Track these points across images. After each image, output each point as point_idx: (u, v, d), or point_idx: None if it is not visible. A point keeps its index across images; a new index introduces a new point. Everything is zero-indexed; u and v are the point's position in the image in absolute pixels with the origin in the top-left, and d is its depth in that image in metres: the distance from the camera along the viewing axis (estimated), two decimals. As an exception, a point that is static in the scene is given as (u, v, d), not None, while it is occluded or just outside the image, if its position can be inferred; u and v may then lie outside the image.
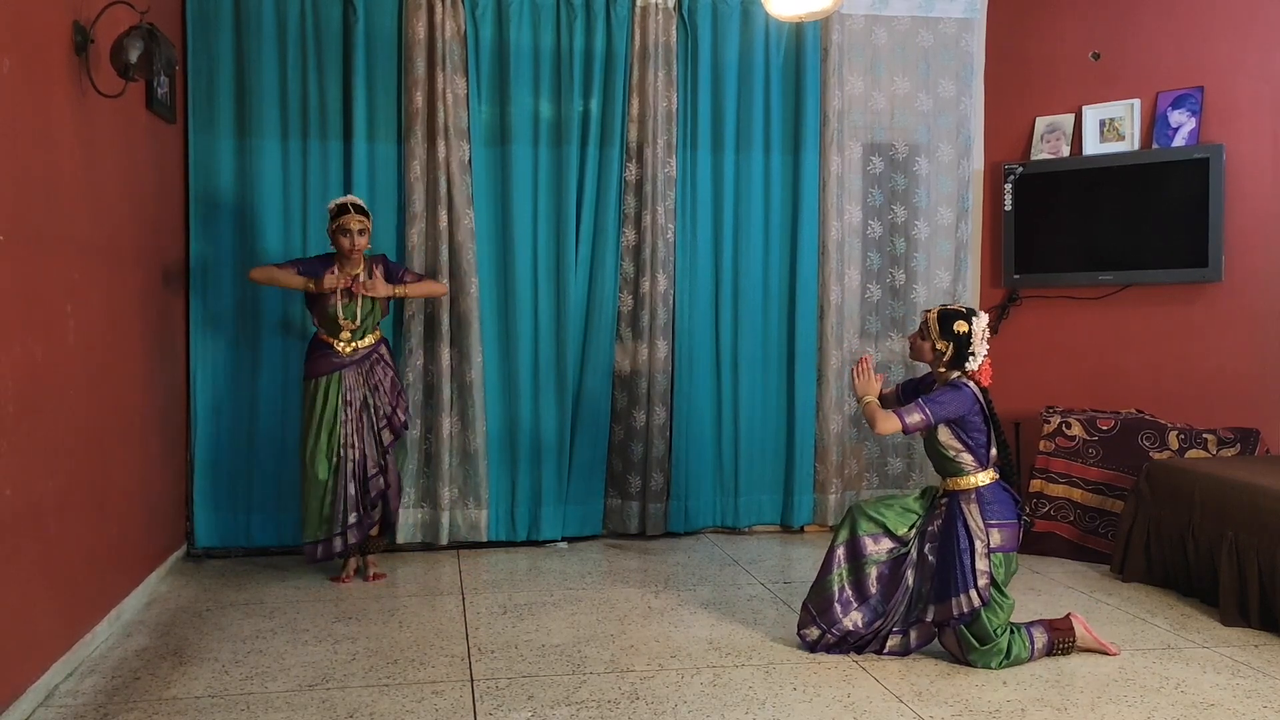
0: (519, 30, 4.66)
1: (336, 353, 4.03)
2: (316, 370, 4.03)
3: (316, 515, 4.00)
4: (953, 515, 3.21)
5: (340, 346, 4.03)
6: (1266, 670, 3.13)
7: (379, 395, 4.09)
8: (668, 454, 4.83)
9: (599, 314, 4.77)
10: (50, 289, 2.97)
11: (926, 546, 3.25)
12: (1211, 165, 4.48)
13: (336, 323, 4.01)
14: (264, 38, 4.46)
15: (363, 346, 4.07)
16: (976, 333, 3.23)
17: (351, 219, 3.96)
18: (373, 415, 4.08)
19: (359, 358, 4.06)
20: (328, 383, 4.01)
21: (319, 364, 4.04)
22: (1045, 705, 2.84)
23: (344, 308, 4.01)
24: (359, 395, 4.05)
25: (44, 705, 2.83)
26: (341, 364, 4.03)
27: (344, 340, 4.03)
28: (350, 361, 4.04)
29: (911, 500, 3.35)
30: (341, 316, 4.00)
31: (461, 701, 2.86)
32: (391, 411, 4.12)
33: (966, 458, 3.23)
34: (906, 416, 3.16)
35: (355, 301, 4.02)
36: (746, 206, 4.90)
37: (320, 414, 4.00)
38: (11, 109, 2.70)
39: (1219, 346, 4.62)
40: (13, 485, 2.69)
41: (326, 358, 4.03)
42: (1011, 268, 5.03)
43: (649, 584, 4.11)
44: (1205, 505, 3.82)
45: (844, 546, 3.27)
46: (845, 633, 3.23)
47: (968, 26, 5.08)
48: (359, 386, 4.06)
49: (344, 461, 3.99)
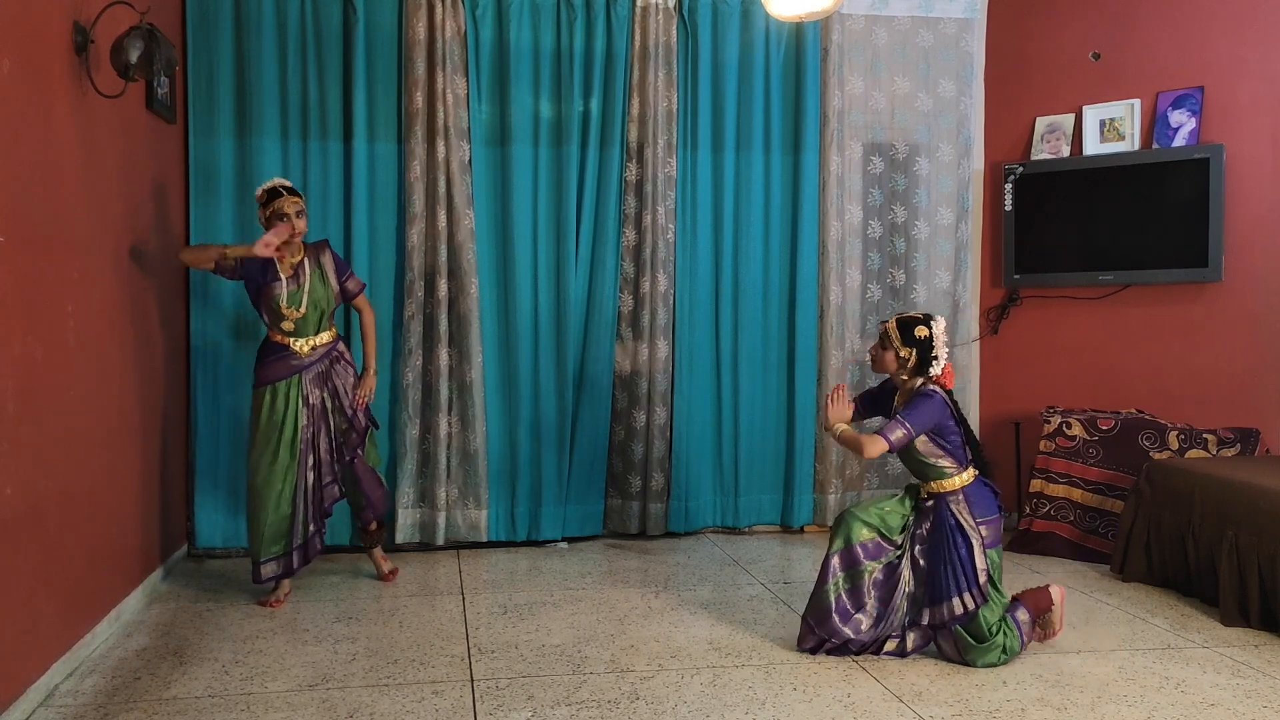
0: (519, 30, 4.67)
1: (294, 354, 3.74)
2: (271, 375, 3.73)
3: (271, 532, 3.71)
4: (942, 517, 3.21)
5: (298, 346, 3.74)
6: (1266, 670, 3.13)
7: (340, 398, 3.82)
8: (668, 454, 4.83)
9: (599, 314, 4.77)
10: (50, 289, 2.97)
11: (917, 549, 3.25)
12: (1211, 165, 4.48)
13: (283, 313, 3.71)
14: (264, 38, 4.46)
15: (321, 345, 3.79)
16: (938, 336, 3.23)
17: (286, 201, 3.68)
18: (330, 420, 3.82)
19: (318, 358, 3.78)
20: (287, 388, 3.72)
21: (274, 368, 3.73)
22: (1045, 705, 2.84)
23: (289, 296, 3.70)
24: (318, 399, 3.78)
25: (44, 705, 2.83)
26: (300, 366, 3.74)
27: (299, 336, 3.74)
28: (309, 363, 3.75)
29: (898, 501, 3.35)
30: (285, 304, 3.70)
31: (461, 701, 2.86)
32: (353, 414, 3.84)
33: (946, 461, 3.23)
34: (890, 435, 3.14)
35: (301, 288, 3.72)
36: (746, 206, 4.90)
37: (279, 424, 3.70)
38: (11, 109, 2.70)
39: (1219, 346, 4.62)
40: (13, 485, 2.69)
41: (283, 361, 3.73)
42: (1012, 268, 5.03)
43: (649, 584, 4.11)
44: (1205, 505, 3.82)
45: (839, 555, 3.26)
46: (846, 640, 3.22)
47: (968, 26, 5.08)
48: (318, 389, 3.78)
49: (301, 474, 3.73)
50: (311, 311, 3.78)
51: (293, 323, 3.74)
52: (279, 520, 3.72)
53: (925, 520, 3.25)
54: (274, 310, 3.74)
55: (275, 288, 3.71)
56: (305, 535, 3.78)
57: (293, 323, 3.74)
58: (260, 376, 3.76)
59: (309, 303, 3.75)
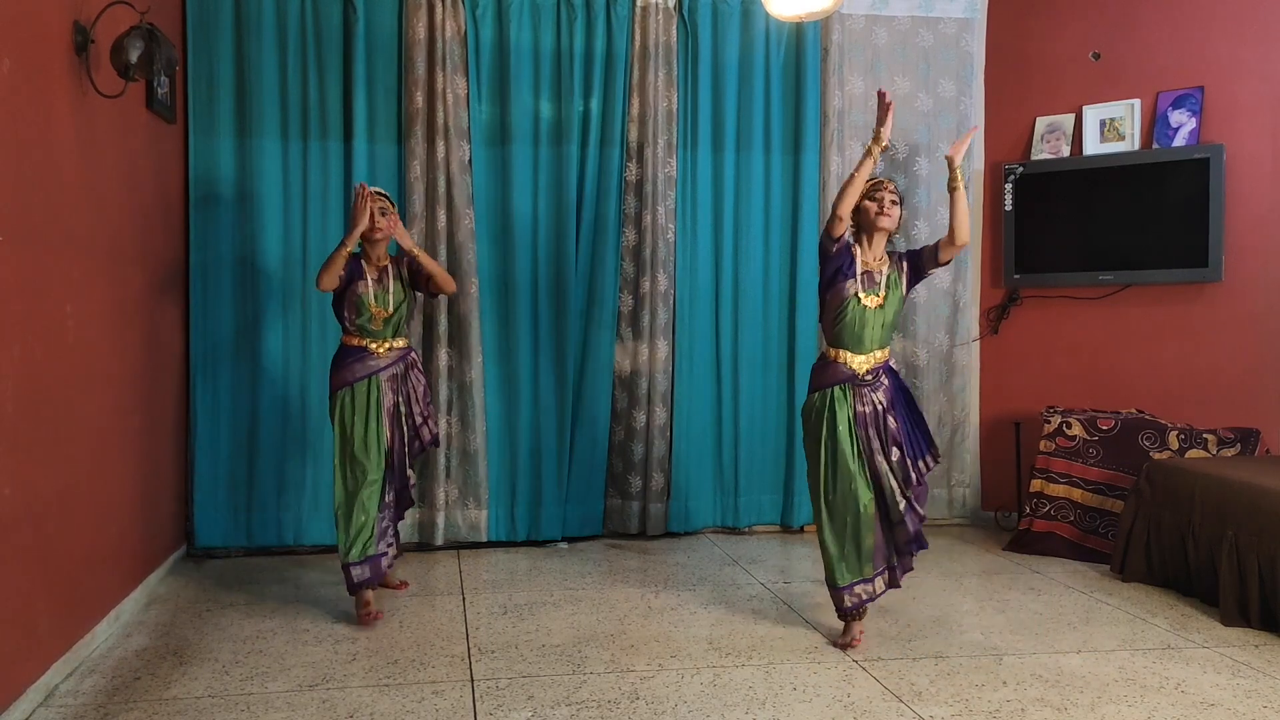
0: (519, 30, 4.67)
1: (371, 354, 3.69)
2: (350, 377, 3.66)
3: (366, 532, 3.61)
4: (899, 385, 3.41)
5: (375, 347, 3.70)
6: (1266, 670, 3.13)
7: (412, 404, 3.80)
8: (668, 454, 4.83)
9: (599, 314, 4.77)
10: (50, 289, 2.97)
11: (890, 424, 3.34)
12: (1211, 165, 4.48)
13: (368, 310, 3.66)
14: (264, 38, 4.46)
15: (398, 347, 3.76)
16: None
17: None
18: (403, 426, 3.77)
19: (394, 359, 3.74)
20: (367, 388, 3.67)
21: (352, 369, 3.67)
22: (1045, 705, 2.84)
23: (376, 295, 3.67)
24: (392, 403, 3.74)
25: (44, 705, 2.83)
26: (377, 367, 3.69)
27: (378, 338, 3.69)
28: (386, 365, 3.71)
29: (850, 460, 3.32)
30: (374, 303, 3.67)
31: (461, 701, 2.86)
32: (422, 423, 3.84)
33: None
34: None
35: (386, 290, 3.70)
36: (746, 206, 4.90)
37: (365, 421, 3.64)
38: (11, 109, 2.70)
39: (1219, 346, 4.62)
40: (13, 485, 2.69)
41: (361, 361, 3.68)
42: (1012, 268, 5.03)
43: (649, 584, 4.11)
44: (1205, 505, 3.82)
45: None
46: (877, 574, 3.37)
47: (968, 26, 5.08)
48: (393, 393, 3.74)
49: (387, 472, 3.71)
50: (396, 312, 3.74)
51: (380, 321, 3.69)
52: (369, 522, 3.64)
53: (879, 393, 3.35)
54: (359, 308, 3.67)
55: (361, 286, 3.68)
56: (391, 535, 3.78)
57: (380, 321, 3.69)
58: (338, 380, 3.69)
59: (394, 302, 3.72)
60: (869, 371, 3.33)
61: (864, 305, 3.29)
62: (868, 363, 3.33)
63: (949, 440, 5.14)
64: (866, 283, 3.31)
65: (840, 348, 3.34)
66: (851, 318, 3.30)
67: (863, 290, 3.30)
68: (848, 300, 3.29)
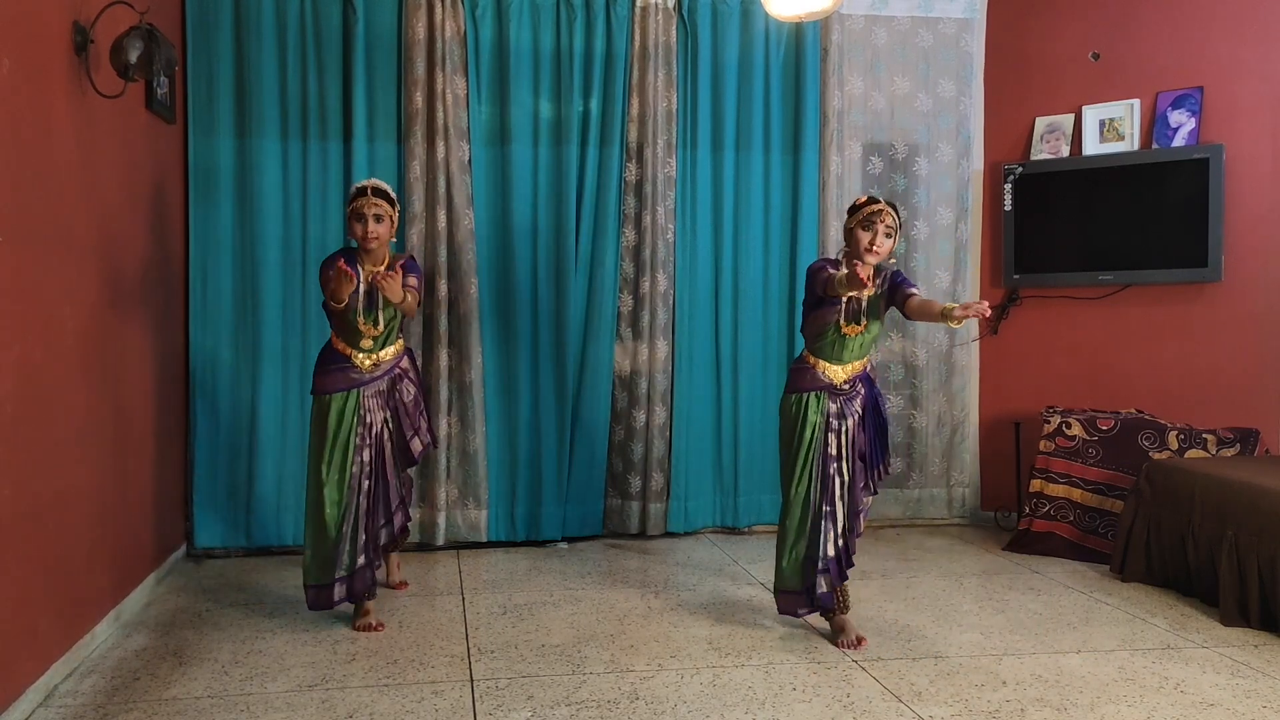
0: (519, 30, 4.66)
1: (354, 367, 3.45)
2: (329, 385, 3.44)
3: (321, 556, 3.44)
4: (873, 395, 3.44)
5: (359, 359, 3.46)
6: (1266, 670, 3.13)
7: (401, 416, 3.55)
8: (668, 454, 4.83)
9: (599, 314, 4.77)
10: (49, 289, 2.97)
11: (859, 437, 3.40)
12: (1211, 165, 4.48)
13: (356, 329, 3.43)
14: (264, 38, 4.46)
15: (385, 360, 3.51)
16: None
17: (367, 202, 3.38)
18: (387, 443, 3.52)
19: (380, 374, 3.50)
20: (343, 401, 3.43)
21: (333, 379, 3.45)
22: (1045, 705, 2.84)
23: (364, 312, 3.42)
24: (378, 418, 3.50)
25: (44, 705, 2.83)
26: (360, 381, 3.45)
27: (364, 351, 3.46)
28: (369, 379, 3.48)
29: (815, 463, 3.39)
30: (362, 321, 3.42)
31: (461, 701, 2.86)
32: (413, 435, 3.60)
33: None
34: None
35: (375, 304, 3.43)
36: (746, 206, 4.90)
37: (334, 436, 3.42)
38: (11, 109, 2.70)
39: (1219, 346, 4.62)
40: (13, 485, 2.69)
41: (343, 372, 3.45)
42: (1011, 268, 5.03)
43: (649, 584, 4.11)
44: (1205, 505, 3.82)
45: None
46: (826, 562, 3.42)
47: (967, 26, 5.08)
48: (379, 409, 3.50)
49: (355, 495, 3.44)
50: (388, 327, 3.50)
51: (370, 339, 3.46)
52: (327, 546, 3.43)
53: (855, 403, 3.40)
54: (348, 327, 3.45)
55: (352, 299, 3.39)
56: (351, 567, 3.45)
57: (370, 339, 3.46)
58: (317, 384, 3.48)
59: (385, 319, 3.46)
60: (846, 381, 3.38)
61: (844, 334, 3.35)
62: (845, 373, 3.38)
63: (949, 440, 5.14)
64: (849, 314, 3.33)
65: (820, 358, 3.40)
66: (831, 340, 3.36)
67: (844, 321, 3.33)
68: (829, 326, 3.34)
